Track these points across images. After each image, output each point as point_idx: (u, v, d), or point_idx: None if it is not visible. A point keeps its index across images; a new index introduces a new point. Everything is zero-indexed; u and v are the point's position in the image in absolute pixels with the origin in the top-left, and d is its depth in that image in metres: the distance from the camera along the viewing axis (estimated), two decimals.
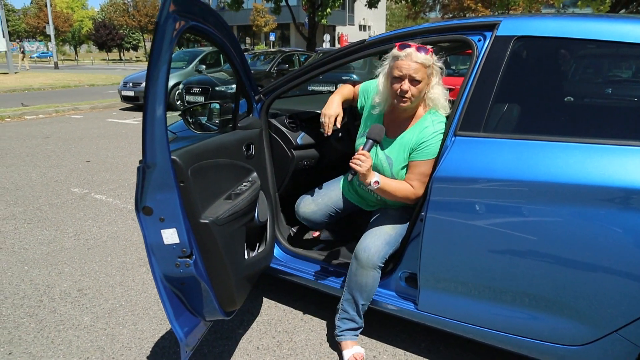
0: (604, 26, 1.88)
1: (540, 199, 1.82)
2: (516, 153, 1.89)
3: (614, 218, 1.70)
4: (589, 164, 1.75)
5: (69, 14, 56.47)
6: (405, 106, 2.12)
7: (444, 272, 2.11)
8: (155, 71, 1.54)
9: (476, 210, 1.96)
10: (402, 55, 2.05)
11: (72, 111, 11.69)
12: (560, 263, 1.83)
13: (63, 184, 5.42)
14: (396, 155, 2.21)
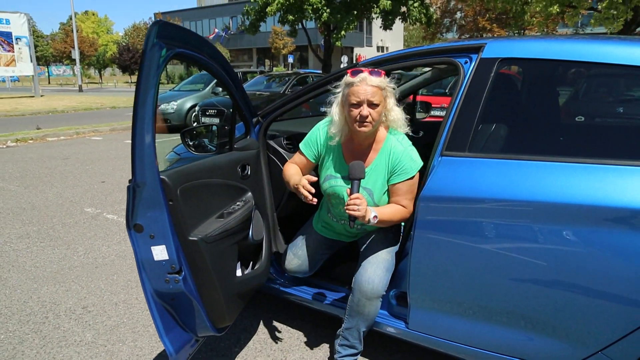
0: (585, 47, 1.91)
1: (524, 217, 1.84)
2: (500, 172, 1.92)
3: (598, 237, 1.71)
4: (571, 183, 1.76)
5: (94, 39, 58.25)
6: (367, 131, 2.09)
7: (433, 291, 2.13)
8: (143, 96, 1.63)
9: (462, 229, 1.98)
10: (357, 80, 2.04)
11: (92, 133, 12.00)
12: (545, 282, 1.83)
13: (77, 204, 5.56)
14: (373, 184, 2.20)
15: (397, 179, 2.16)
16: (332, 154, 2.28)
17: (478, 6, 25.41)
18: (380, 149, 2.20)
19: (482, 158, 1.99)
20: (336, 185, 2.25)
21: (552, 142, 1.98)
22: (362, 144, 2.21)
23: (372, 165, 2.20)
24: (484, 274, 1.96)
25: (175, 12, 52.74)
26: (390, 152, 2.18)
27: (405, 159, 2.15)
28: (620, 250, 1.67)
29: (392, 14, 19.69)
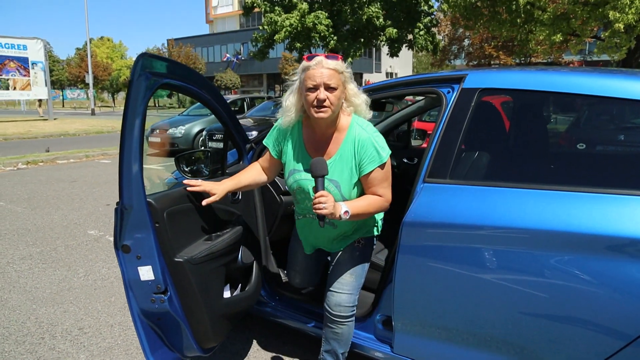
0: (558, 79, 1.98)
1: (503, 243, 1.88)
2: (480, 199, 1.97)
3: (574, 263, 1.75)
4: (548, 210, 1.81)
5: (108, 64, 59.40)
6: (325, 117, 1.96)
7: (417, 316, 2.16)
8: (130, 124, 1.72)
9: (444, 254, 2.02)
10: (312, 64, 1.95)
11: (102, 156, 12.19)
12: (525, 308, 1.86)
13: (81, 227, 5.66)
14: (339, 175, 2.06)
15: (368, 168, 2.03)
16: (294, 147, 2.15)
17: (485, 34, 25.70)
18: (344, 138, 2.08)
19: (463, 185, 2.05)
20: (300, 179, 2.12)
21: (529, 170, 2.04)
22: (325, 134, 2.09)
23: (337, 156, 2.08)
24: (465, 299, 2.00)
25: (187, 39, 53.78)
26: (355, 141, 2.05)
27: (372, 145, 2.03)
28: (592, 276, 1.70)
29: (398, 42, 20.00)
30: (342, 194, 2.07)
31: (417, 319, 2.16)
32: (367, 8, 18.51)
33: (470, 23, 17.73)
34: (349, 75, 2.05)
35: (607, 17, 11.63)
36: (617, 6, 11.13)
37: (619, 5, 11.04)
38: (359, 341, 2.40)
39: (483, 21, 16.96)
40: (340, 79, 1.98)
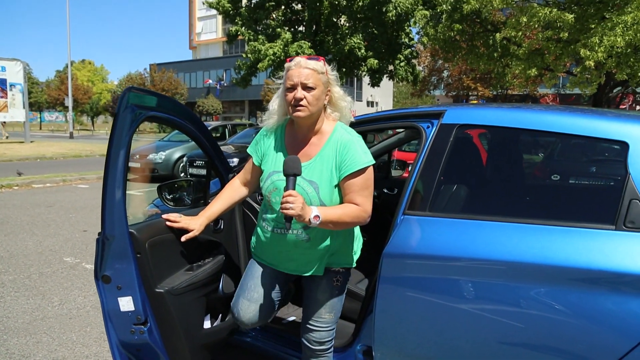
0: (530, 116, 2.07)
1: (481, 274, 1.93)
2: (457, 231, 2.02)
3: (545, 294, 1.80)
4: (522, 243, 1.86)
5: (89, 87, 59.10)
6: (302, 115, 1.93)
7: (397, 346, 2.18)
8: (114, 155, 1.74)
9: (423, 285, 2.06)
10: (292, 65, 1.96)
11: (79, 180, 12.03)
12: (501, 337, 1.90)
13: (57, 253, 5.55)
14: (319, 176, 1.98)
15: (348, 170, 1.96)
16: (275, 149, 2.09)
17: (463, 66, 26.39)
18: (326, 140, 2.02)
19: (442, 217, 2.10)
20: (278, 180, 2.00)
21: (503, 203, 2.10)
22: (307, 136, 2.05)
23: (317, 157, 2.01)
24: (444, 329, 2.03)
25: (169, 64, 53.93)
26: (337, 142, 2.00)
27: (354, 147, 1.98)
28: (565, 306, 1.76)
29: (379, 72, 20.40)
30: (321, 198, 1.97)
31: (398, 349, 2.18)
32: (349, 39, 18.89)
33: (449, 55, 18.21)
34: (334, 78, 2.03)
35: (578, 54, 12.09)
36: (587, 44, 11.60)
37: (589, 44, 11.51)
38: None
39: (461, 54, 17.44)
40: (321, 80, 1.95)
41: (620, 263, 1.69)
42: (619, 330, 1.67)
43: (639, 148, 1.79)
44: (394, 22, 18.37)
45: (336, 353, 2.43)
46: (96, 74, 72.20)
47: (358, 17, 19.08)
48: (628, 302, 1.67)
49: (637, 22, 10.68)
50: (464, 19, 15.28)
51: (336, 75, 2.05)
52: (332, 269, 2.16)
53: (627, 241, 1.72)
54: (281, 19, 20.40)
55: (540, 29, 13.50)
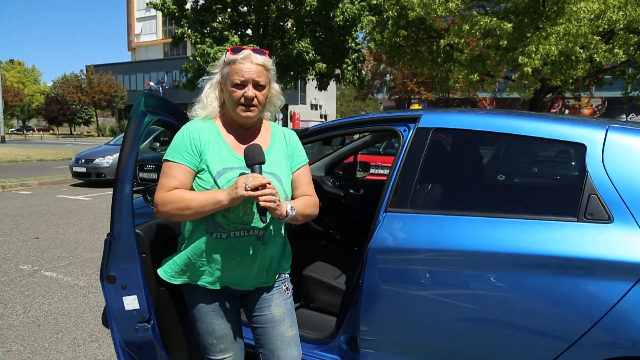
0: (498, 121, 2.31)
1: (457, 265, 2.13)
2: (436, 226, 2.22)
3: (518, 280, 2.02)
4: (492, 235, 2.08)
5: (19, 89, 56.14)
6: (252, 116, 1.78)
7: (381, 335, 2.34)
8: (125, 157, 1.81)
9: (405, 277, 2.24)
10: (239, 57, 1.75)
11: (20, 187, 11.51)
12: (477, 322, 2.11)
13: (11, 262, 5.36)
14: (278, 167, 1.85)
15: (299, 163, 1.93)
16: (217, 148, 1.80)
17: (407, 70, 27.21)
18: (270, 135, 1.92)
19: (421, 214, 2.29)
20: (234, 177, 1.73)
21: (474, 199, 2.33)
22: (247, 132, 1.87)
23: (270, 148, 1.87)
24: (426, 317, 2.21)
25: (108, 66, 52.13)
26: (283, 135, 1.94)
27: (298, 141, 1.98)
28: (536, 290, 1.98)
29: (327, 76, 20.72)
30: (285, 190, 1.83)
31: (382, 338, 2.34)
32: (297, 43, 19.07)
33: (393, 60, 18.79)
34: (274, 73, 1.87)
35: (516, 61, 12.86)
36: (525, 52, 12.38)
37: (526, 52, 12.29)
38: None
39: (406, 59, 18.05)
40: (268, 77, 1.81)
41: (581, 250, 1.93)
42: (581, 310, 1.90)
43: (596, 149, 2.05)
44: (340, 27, 18.73)
45: (321, 345, 2.57)
46: (27, 76, 68.72)
47: (305, 22, 19.30)
48: (588, 285, 1.91)
49: (568, 32, 11.52)
50: (409, 25, 15.85)
51: (274, 70, 1.87)
52: (280, 276, 1.98)
53: (586, 231, 1.96)
54: (228, 22, 20.30)
55: (481, 36, 14.23)
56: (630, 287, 1.84)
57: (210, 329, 1.90)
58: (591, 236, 1.95)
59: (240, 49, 1.78)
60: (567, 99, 27.95)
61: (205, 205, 1.69)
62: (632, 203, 1.93)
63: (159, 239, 2.12)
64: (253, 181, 1.61)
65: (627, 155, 2.02)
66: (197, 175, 1.77)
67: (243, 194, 1.60)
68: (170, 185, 1.74)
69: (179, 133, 1.81)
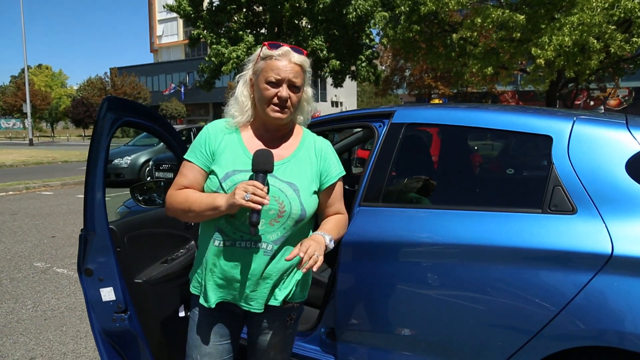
0: (466, 114, 2.34)
1: (426, 257, 2.18)
2: (407, 219, 2.27)
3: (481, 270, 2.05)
4: (461, 227, 2.12)
5: (47, 92, 57.56)
6: (284, 118, 1.66)
7: (357, 326, 2.41)
8: (95, 157, 1.92)
9: (378, 269, 2.30)
10: (277, 54, 1.62)
11: (43, 187, 11.88)
12: (444, 311, 2.15)
13: (26, 259, 5.58)
14: (298, 178, 1.68)
15: (332, 178, 1.77)
16: (232, 149, 1.70)
17: (424, 65, 27.02)
18: (298, 143, 1.77)
19: (393, 208, 2.35)
20: (243, 179, 1.62)
21: (445, 193, 2.37)
22: (273, 136, 1.74)
23: (292, 157, 1.72)
24: (397, 307, 2.27)
25: (131, 68, 53.09)
26: (314, 147, 1.77)
27: (334, 155, 1.82)
28: (501, 281, 2.02)
29: (341, 73, 20.75)
30: (302, 202, 1.66)
31: (357, 327, 2.41)
32: (311, 41, 19.14)
33: (409, 55, 18.71)
34: (310, 75, 1.75)
35: (530, 52, 12.69)
36: (538, 44, 12.21)
37: (539, 43, 12.12)
38: (305, 353, 2.61)
39: (421, 54, 17.95)
40: (304, 78, 1.69)
41: (545, 241, 1.96)
42: (545, 300, 1.94)
43: (562, 141, 2.07)
44: (354, 23, 18.73)
45: (303, 337, 2.65)
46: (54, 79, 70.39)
47: (319, 19, 19.35)
48: (551, 276, 1.94)
49: (582, 22, 11.32)
50: (422, 20, 15.77)
51: (311, 73, 1.76)
52: (285, 304, 1.78)
53: (550, 223, 1.99)
54: (243, 22, 20.48)
55: (494, 29, 14.08)
56: (590, 278, 1.86)
57: (197, 343, 1.78)
58: (555, 227, 1.97)
59: (279, 45, 1.65)
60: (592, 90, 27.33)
61: (205, 209, 1.61)
62: (596, 194, 1.95)
63: (137, 234, 2.22)
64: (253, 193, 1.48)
65: (592, 147, 2.04)
66: (209, 176, 1.70)
67: (241, 204, 1.48)
68: (181, 184, 1.71)
69: (201, 132, 1.76)
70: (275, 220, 1.64)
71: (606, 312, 1.84)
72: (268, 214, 1.61)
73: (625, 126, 2.06)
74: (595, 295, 1.86)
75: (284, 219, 1.64)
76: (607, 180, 1.96)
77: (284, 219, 1.64)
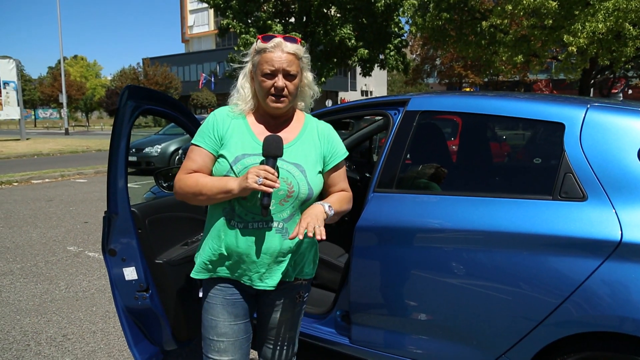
0: (480, 102, 2.35)
1: (438, 242, 2.22)
2: (420, 205, 2.31)
3: (500, 257, 2.08)
4: (472, 213, 2.15)
5: (82, 83, 59.11)
6: (282, 107, 1.74)
7: (369, 309, 2.47)
8: (116, 144, 2.03)
9: (391, 253, 2.35)
10: (270, 46, 1.70)
11: (77, 175, 12.27)
12: (461, 296, 2.19)
13: (60, 243, 5.83)
14: (304, 159, 1.78)
15: (335, 160, 1.86)
16: (240, 133, 1.78)
17: (454, 54, 26.61)
18: (302, 127, 1.86)
19: (406, 194, 2.39)
20: (253, 163, 1.71)
21: (459, 179, 2.39)
22: (277, 122, 1.83)
23: (297, 139, 1.82)
24: (409, 291, 2.32)
25: (162, 58, 53.88)
26: (317, 130, 1.87)
27: (336, 137, 1.91)
28: (512, 266, 2.04)
29: (370, 62, 20.64)
30: (309, 182, 1.75)
31: (370, 311, 2.47)
32: (340, 29, 19.10)
33: (439, 44, 18.47)
34: (307, 61, 1.82)
35: (562, 40, 12.37)
36: (570, 30, 11.88)
37: (572, 30, 11.80)
38: (321, 335, 2.69)
39: (451, 42, 17.69)
40: (299, 66, 1.76)
41: (555, 228, 1.98)
42: (554, 285, 1.96)
43: (574, 128, 2.08)
44: (382, 12, 18.59)
45: (319, 319, 2.72)
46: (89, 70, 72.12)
47: (347, 8, 19.27)
48: (562, 261, 1.96)
49: (617, 8, 10.97)
50: (452, 7, 15.53)
51: (309, 58, 1.83)
52: (295, 281, 1.89)
53: (561, 209, 2.00)
54: (272, 11, 20.56)
55: (526, 16, 13.76)
56: (599, 265, 1.88)
57: (213, 324, 1.82)
58: (565, 214, 1.99)
59: (271, 37, 1.73)
60: (630, 78, 26.40)
61: (217, 192, 1.67)
62: (607, 181, 1.96)
63: (158, 217, 2.33)
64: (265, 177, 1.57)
65: (605, 134, 2.04)
66: (217, 160, 1.76)
67: (253, 187, 1.57)
68: (190, 168, 1.75)
69: (207, 118, 1.83)
70: (284, 200, 1.73)
71: (614, 298, 1.86)
72: (278, 194, 1.70)
73: (639, 114, 2.04)
74: (604, 282, 1.87)
75: (292, 199, 1.74)
76: (618, 168, 1.96)
77: (293, 199, 1.74)
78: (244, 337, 1.87)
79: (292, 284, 1.88)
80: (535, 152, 2.63)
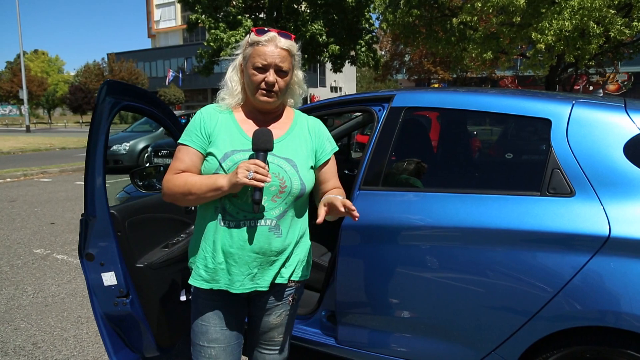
0: (470, 98, 2.34)
1: (425, 240, 2.19)
2: (406, 203, 2.28)
3: (480, 252, 2.07)
4: (460, 210, 2.13)
5: (43, 79, 57.22)
6: (272, 102, 1.70)
7: (356, 309, 2.43)
8: (94, 142, 1.92)
9: (377, 252, 2.31)
10: (263, 39, 1.65)
11: (41, 174, 11.86)
12: (442, 293, 2.17)
13: (26, 246, 5.60)
14: (294, 154, 1.74)
15: (326, 156, 1.83)
16: (228, 130, 1.73)
17: (423, 50, 26.85)
18: (291, 122, 1.82)
19: (393, 191, 2.35)
20: (244, 158, 1.66)
21: (445, 176, 2.37)
22: (266, 118, 1.79)
23: (287, 134, 1.78)
24: (396, 290, 2.28)
25: (128, 53, 52.71)
26: (307, 125, 1.84)
27: (326, 133, 1.88)
28: (500, 263, 2.03)
29: (340, 58, 20.66)
30: (301, 177, 1.72)
31: (357, 311, 2.43)
32: (310, 25, 19.03)
33: (409, 40, 18.59)
34: (299, 59, 1.78)
35: (530, 37, 12.62)
36: (538, 28, 12.13)
37: (539, 28, 12.04)
38: (307, 336, 2.64)
39: (421, 39, 17.83)
40: (292, 63, 1.72)
41: (543, 224, 1.97)
42: (543, 281, 1.95)
43: (561, 124, 2.08)
44: (353, 7, 18.60)
45: (304, 320, 2.67)
46: (51, 65, 69.91)
47: (318, 3, 19.20)
48: (551, 257, 1.95)
49: (582, 7, 11.24)
50: (422, 4, 15.63)
51: (300, 56, 1.79)
52: (289, 282, 1.82)
53: (548, 205, 2.00)
54: (241, 6, 20.31)
55: (494, 13, 13.97)
56: (588, 259, 1.88)
57: (203, 329, 1.76)
58: (553, 210, 1.98)
59: (266, 31, 1.68)
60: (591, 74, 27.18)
61: (206, 191, 1.62)
62: (594, 177, 1.96)
63: (137, 219, 2.23)
64: (255, 171, 1.52)
65: (591, 130, 2.04)
66: (205, 158, 1.71)
67: (244, 182, 1.52)
68: (178, 168, 1.70)
69: (194, 116, 1.77)
70: (277, 196, 1.69)
71: (603, 293, 1.86)
72: (270, 190, 1.66)
73: (624, 109, 2.06)
74: (593, 277, 1.87)
75: (285, 195, 1.69)
76: (605, 163, 1.96)
77: (285, 195, 1.70)
78: (236, 342, 1.82)
79: (286, 286, 1.83)
80: (523, 148, 2.64)
